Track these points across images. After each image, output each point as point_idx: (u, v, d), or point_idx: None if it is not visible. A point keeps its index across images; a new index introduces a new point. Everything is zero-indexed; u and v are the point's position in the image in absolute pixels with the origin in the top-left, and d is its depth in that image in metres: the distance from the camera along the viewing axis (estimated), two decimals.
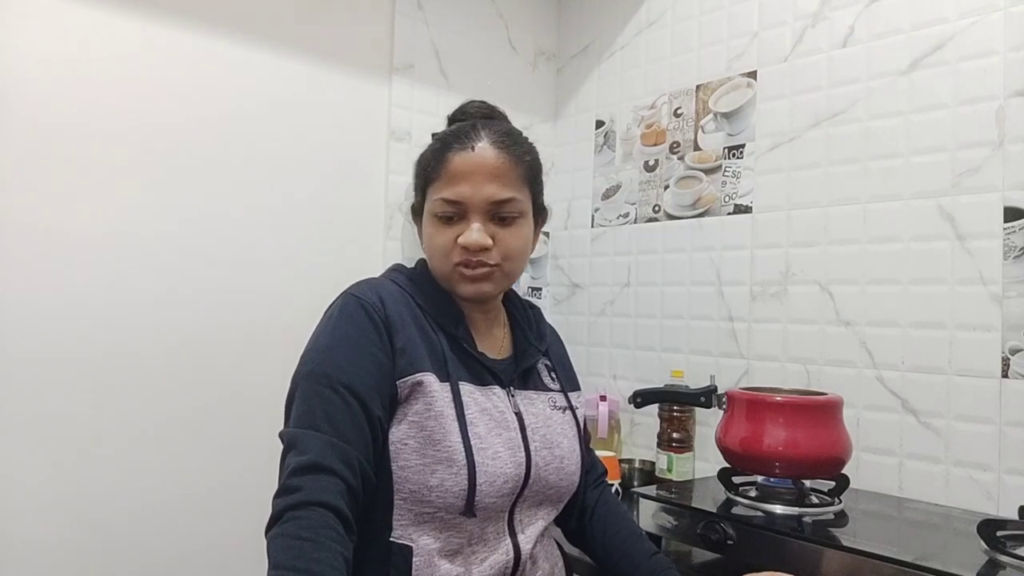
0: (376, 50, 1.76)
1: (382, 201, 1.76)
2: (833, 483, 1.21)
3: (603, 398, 1.85)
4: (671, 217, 1.83)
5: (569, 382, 1.08)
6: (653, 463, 1.70)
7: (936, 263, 1.37)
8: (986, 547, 0.98)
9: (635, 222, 1.92)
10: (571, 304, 2.07)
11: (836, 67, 1.53)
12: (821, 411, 1.19)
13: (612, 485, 1.57)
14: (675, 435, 1.65)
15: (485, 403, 0.91)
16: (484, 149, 0.92)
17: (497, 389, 0.94)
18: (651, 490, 1.30)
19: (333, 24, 1.68)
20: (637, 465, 1.73)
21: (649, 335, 1.86)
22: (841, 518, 1.14)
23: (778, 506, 1.14)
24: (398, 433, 0.86)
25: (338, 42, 1.69)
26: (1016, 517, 1.11)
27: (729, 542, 1.10)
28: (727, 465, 1.25)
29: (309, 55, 1.64)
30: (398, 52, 1.79)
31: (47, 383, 1.30)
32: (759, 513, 1.13)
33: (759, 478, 1.25)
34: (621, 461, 1.68)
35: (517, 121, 2.06)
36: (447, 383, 0.88)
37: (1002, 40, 1.31)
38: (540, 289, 2.12)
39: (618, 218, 1.96)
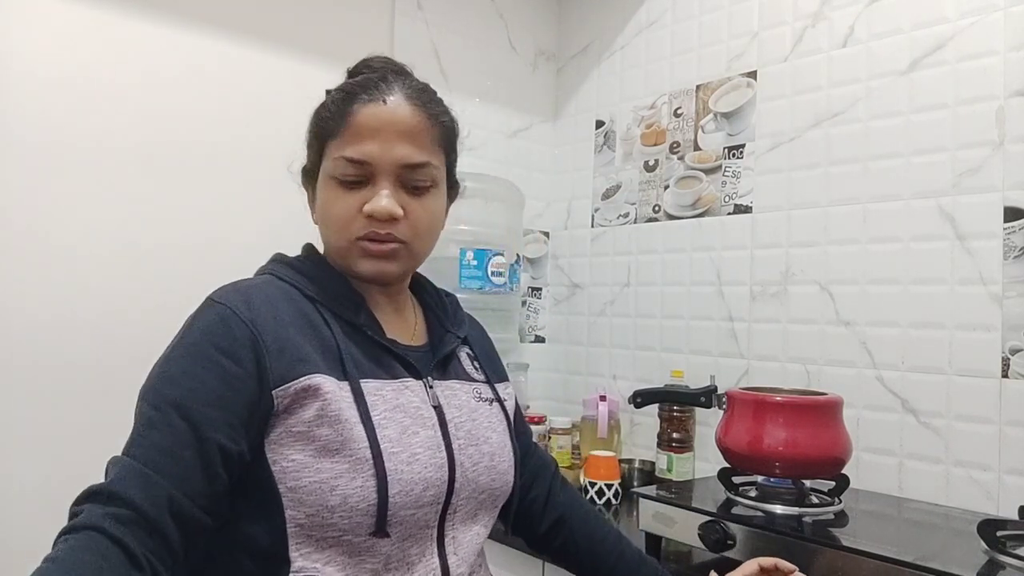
0: (376, 50, 1.74)
1: None
2: (833, 483, 1.21)
3: (603, 398, 1.85)
4: (671, 217, 1.83)
5: (495, 373, 0.95)
6: (653, 463, 1.70)
7: (936, 263, 1.37)
8: (986, 547, 0.98)
9: (635, 222, 1.91)
10: (571, 304, 2.07)
11: (836, 67, 1.53)
12: (821, 411, 1.19)
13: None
14: (675, 435, 1.65)
15: (397, 399, 0.77)
16: (398, 103, 0.80)
17: (411, 381, 0.81)
18: (651, 490, 1.29)
19: (333, 24, 1.68)
20: (637, 465, 1.72)
21: (649, 335, 1.86)
22: (841, 518, 1.14)
23: (778, 506, 1.14)
24: (280, 451, 0.72)
25: (338, 42, 1.69)
26: (1016, 517, 1.11)
27: (729, 542, 1.10)
28: (727, 465, 1.24)
29: (309, 55, 1.64)
30: (398, 52, 1.78)
31: (47, 385, 1.30)
32: (759, 513, 1.13)
33: (759, 478, 1.25)
34: (621, 461, 1.68)
35: (517, 121, 2.09)
36: (346, 382, 0.74)
37: (1002, 40, 1.31)
38: (540, 289, 2.12)
39: (618, 218, 1.96)
